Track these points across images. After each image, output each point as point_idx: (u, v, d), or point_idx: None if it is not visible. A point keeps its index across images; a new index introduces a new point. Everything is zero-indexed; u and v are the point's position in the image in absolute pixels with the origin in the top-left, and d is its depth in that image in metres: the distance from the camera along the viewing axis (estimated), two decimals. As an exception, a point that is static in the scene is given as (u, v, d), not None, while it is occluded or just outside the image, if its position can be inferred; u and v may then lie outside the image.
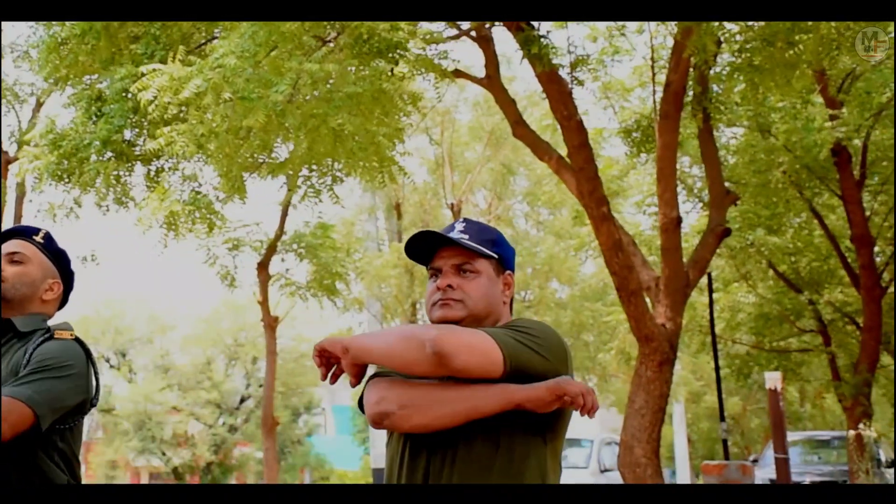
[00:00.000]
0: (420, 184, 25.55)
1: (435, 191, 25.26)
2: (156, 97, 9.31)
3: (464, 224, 3.23)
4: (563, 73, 12.62)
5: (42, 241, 3.85)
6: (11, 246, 3.80)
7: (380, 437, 25.96)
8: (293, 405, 41.67)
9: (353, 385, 3.02)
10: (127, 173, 11.70)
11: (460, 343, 2.82)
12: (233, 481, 40.85)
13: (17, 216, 16.40)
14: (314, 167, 11.56)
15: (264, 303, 19.72)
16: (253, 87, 9.21)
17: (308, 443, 45.80)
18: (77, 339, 3.70)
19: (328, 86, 9.81)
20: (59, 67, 10.75)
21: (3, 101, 15.44)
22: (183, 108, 9.52)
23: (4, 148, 15.43)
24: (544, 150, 13.20)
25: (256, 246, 18.66)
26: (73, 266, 4.00)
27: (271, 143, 10.09)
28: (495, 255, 3.18)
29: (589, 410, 2.90)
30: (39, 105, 15.21)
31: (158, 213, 10.39)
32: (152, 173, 11.65)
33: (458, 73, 13.08)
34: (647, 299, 13.22)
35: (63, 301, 3.94)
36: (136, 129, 11.19)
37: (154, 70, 9.40)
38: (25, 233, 3.87)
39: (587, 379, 29.68)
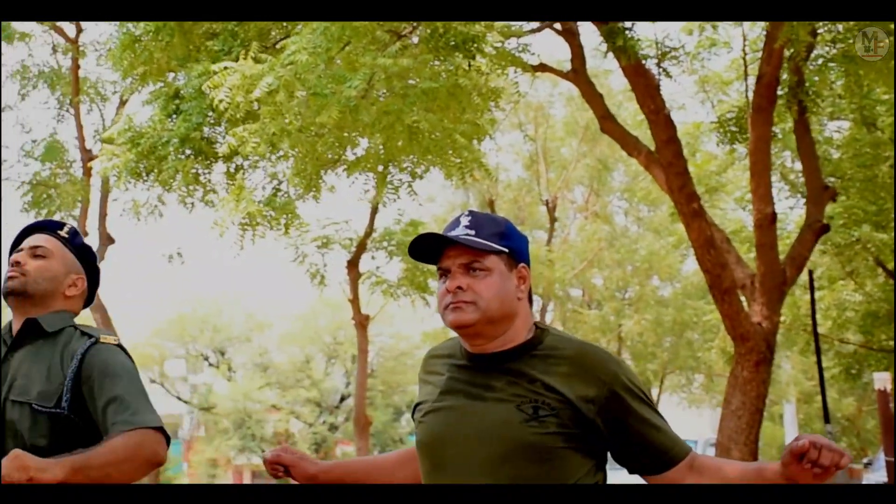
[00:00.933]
0: (514, 180, 25.30)
1: (529, 187, 24.95)
2: (228, 96, 9.21)
3: (469, 218, 2.99)
4: (651, 65, 12.30)
5: (66, 235, 3.69)
6: (34, 240, 3.65)
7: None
8: (395, 404, 41.59)
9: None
10: (206, 171, 11.66)
11: None
12: (333, 480, 40.96)
13: (102, 214, 16.50)
14: (392, 164, 11.34)
15: (355, 301, 19.61)
16: (326, 83, 9.06)
17: (410, 442, 45.70)
18: (120, 345, 3.53)
19: (403, 81, 9.62)
20: (135, 65, 10.71)
21: (86, 98, 15.54)
22: (256, 106, 9.42)
23: (88, 146, 15.55)
24: (633, 145, 12.90)
25: (346, 244, 18.56)
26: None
27: (345, 140, 9.89)
28: (505, 249, 2.94)
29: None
30: (123, 103, 15.24)
31: (234, 215, 10.27)
32: (232, 171, 11.60)
33: (542, 68, 12.79)
34: (743, 297, 12.81)
35: (89, 298, 3.75)
36: (215, 127, 11.13)
37: (226, 68, 9.30)
38: (49, 227, 3.72)
39: (692, 378, 29.17)
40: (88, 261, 3.73)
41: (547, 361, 2.85)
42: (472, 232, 2.92)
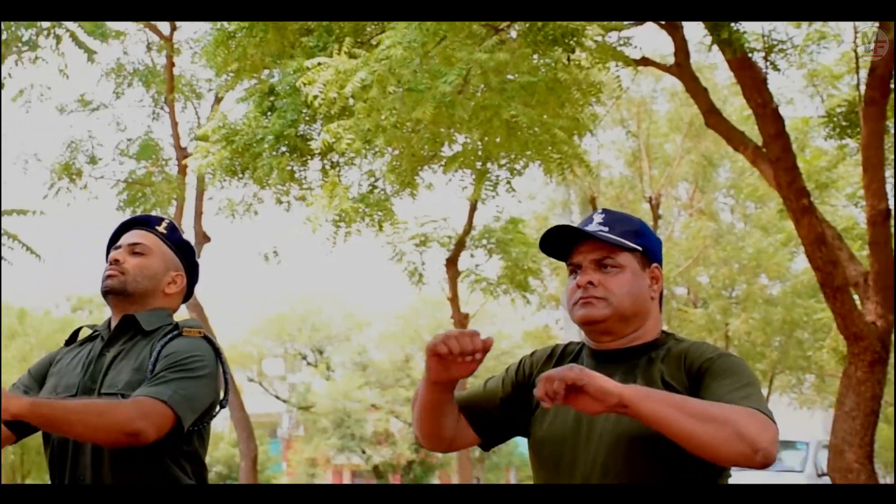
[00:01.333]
0: (616, 177, 24.95)
1: (632, 184, 24.59)
2: (322, 92, 9.07)
3: (603, 215, 3.00)
4: (758, 58, 11.90)
5: (165, 231, 3.64)
6: (132, 237, 3.60)
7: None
8: (498, 404, 41.35)
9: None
10: (302, 168, 11.56)
11: (769, 434, 2.62)
12: (435, 481, 40.96)
13: (198, 213, 16.55)
14: (490, 160, 11.12)
15: (454, 299, 19.43)
16: (421, 78, 8.87)
17: (513, 442, 45.51)
18: (206, 337, 3.48)
19: (500, 76, 9.39)
20: (229, 61, 10.64)
21: (181, 96, 15.56)
22: (352, 102, 9.29)
23: (183, 144, 15.58)
24: (739, 139, 12.52)
25: (444, 242, 18.40)
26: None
27: (441, 136, 9.69)
28: (639, 248, 2.94)
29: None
30: (218, 101, 15.24)
31: (328, 212, 10.14)
32: (327, 168, 11.49)
33: (644, 62, 12.46)
34: (856, 296, 12.37)
35: (187, 294, 3.70)
36: (310, 124, 11.03)
37: (319, 64, 9.15)
38: (148, 223, 3.67)
39: (803, 378, 28.53)
40: (187, 257, 3.68)
41: (666, 360, 2.84)
42: (606, 228, 2.92)
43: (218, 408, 3.50)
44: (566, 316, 23.43)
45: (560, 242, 2.98)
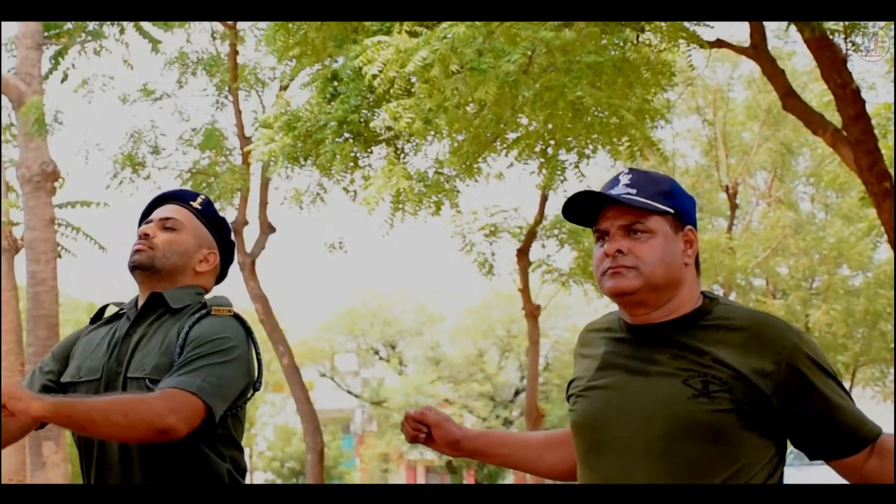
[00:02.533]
0: (692, 166, 24.50)
1: (708, 173, 24.12)
2: (381, 71, 8.82)
3: (630, 176, 2.73)
4: (838, 39, 11.49)
5: (199, 206, 3.46)
6: (165, 211, 3.42)
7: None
8: (571, 398, 41.12)
9: None
10: (365, 155, 11.36)
11: None
12: (510, 478, 40.73)
13: (263, 203, 16.39)
14: (556, 144, 10.79)
15: (525, 291, 19.11)
16: (484, 57, 8.59)
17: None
18: (236, 316, 3.28)
19: (566, 56, 9.07)
20: (290, 45, 10.44)
21: (244, 85, 15.42)
22: (413, 81, 9.05)
23: (247, 134, 15.44)
24: (818, 123, 12.11)
25: (515, 232, 18.10)
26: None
27: (505, 118, 9.39)
28: (671, 210, 2.68)
29: None
30: (283, 89, 15.09)
31: (384, 192, 9.90)
32: (392, 154, 11.28)
33: (719, 43, 12.08)
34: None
35: (222, 275, 3.53)
36: (374, 109, 10.82)
37: (379, 43, 8.90)
38: (181, 197, 3.49)
39: (886, 371, 27.89)
40: (222, 235, 3.49)
41: (717, 332, 2.58)
42: (634, 191, 2.67)
43: (251, 390, 3.30)
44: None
45: (586, 208, 2.72)
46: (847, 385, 28.11)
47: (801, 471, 18.86)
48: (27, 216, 14.22)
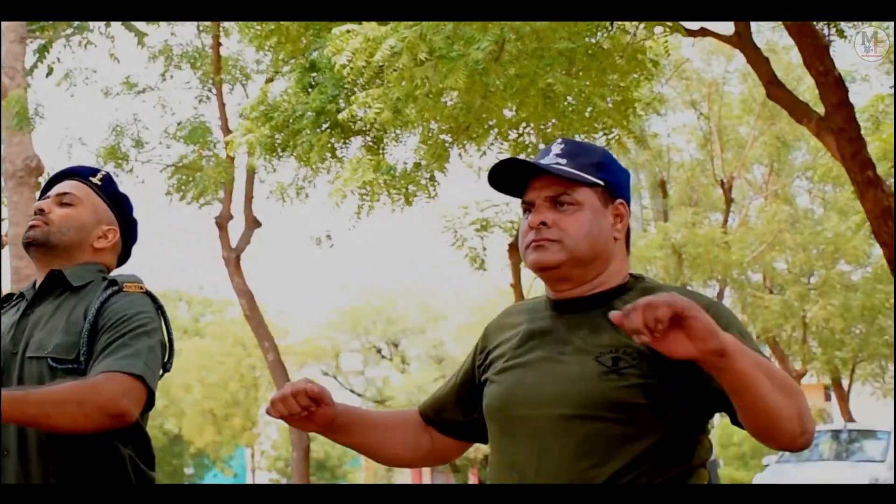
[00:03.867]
0: (687, 160, 24.39)
1: (704, 167, 23.99)
2: (350, 60, 8.75)
3: (562, 146, 2.63)
4: (820, 25, 11.39)
5: (99, 182, 3.37)
6: (62, 187, 3.34)
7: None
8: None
9: None
10: (344, 146, 11.27)
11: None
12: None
13: (248, 197, 16.28)
14: (531, 132, 10.68)
15: (516, 286, 19.00)
16: (453, 45, 8.50)
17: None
18: (148, 293, 3.20)
19: (537, 43, 8.98)
20: (266, 34, 10.37)
21: (229, 77, 15.33)
22: (382, 70, 8.97)
23: (232, 127, 15.34)
24: (803, 112, 12.00)
25: (507, 227, 17.98)
26: (137, 214, 3.46)
27: (476, 105, 9.30)
28: (600, 182, 2.57)
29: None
30: (268, 82, 15.02)
31: (351, 184, 9.80)
32: (371, 145, 11.19)
33: (702, 32, 11.99)
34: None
35: (125, 254, 3.43)
36: (351, 99, 10.74)
37: (348, 32, 8.82)
38: (80, 173, 3.40)
39: (885, 367, 27.76)
40: (123, 211, 3.39)
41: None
42: (564, 161, 2.58)
43: (161, 371, 3.20)
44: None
45: (514, 178, 2.62)
46: (846, 382, 28.08)
47: (798, 468, 18.87)
48: (10, 211, 14.11)
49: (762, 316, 23.06)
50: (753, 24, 11.93)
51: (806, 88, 19.30)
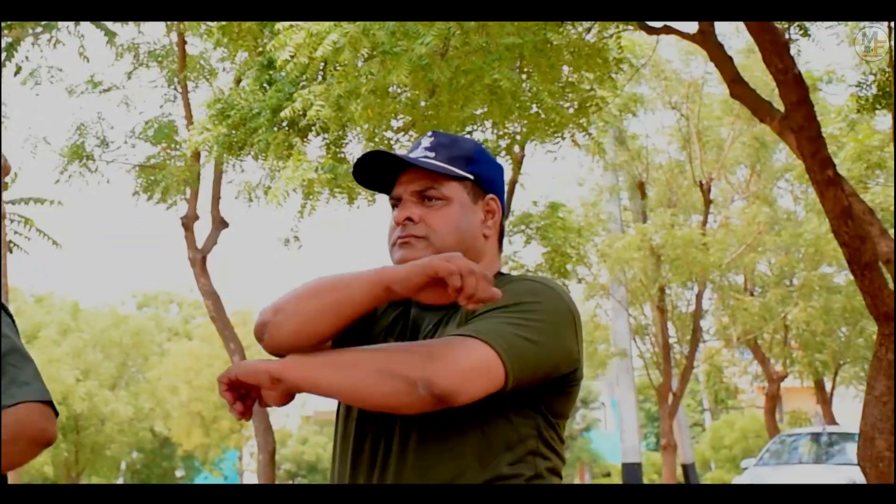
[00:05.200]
0: (664, 161, 24.28)
1: (682, 168, 23.89)
2: (293, 56, 8.67)
3: (432, 139, 2.56)
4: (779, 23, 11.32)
5: None
6: None
7: (629, 431, 24.81)
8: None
9: (248, 418, 2.34)
10: (305, 144, 11.19)
11: (460, 376, 2.16)
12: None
13: (215, 197, 16.14)
14: (481, 128, 10.61)
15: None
16: (396, 40, 8.43)
17: (585, 438, 45.00)
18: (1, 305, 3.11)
19: (483, 38, 8.90)
20: (225, 31, 10.29)
21: (193, 75, 15.20)
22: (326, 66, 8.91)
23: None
24: (766, 111, 11.87)
25: (480, 227, 17.90)
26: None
27: (419, 103, 9.23)
28: (469, 176, 2.50)
29: (469, 296, 2.10)
30: (237, 82, 14.95)
31: (292, 184, 9.71)
32: (330, 143, 11.10)
33: (666, 30, 11.91)
34: (888, 274, 11.69)
35: None
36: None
37: (291, 27, 8.75)
38: None
39: (867, 370, 27.63)
40: None
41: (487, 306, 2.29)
42: (432, 154, 2.50)
43: None
44: (615, 305, 22.83)
45: (382, 172, 2.54)
46: (829, 385, 27.93)
47: (777, 470, 18.78)
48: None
49: (741, 318, 22.95)
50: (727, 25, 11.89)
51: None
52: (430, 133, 2.60)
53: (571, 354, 2.35)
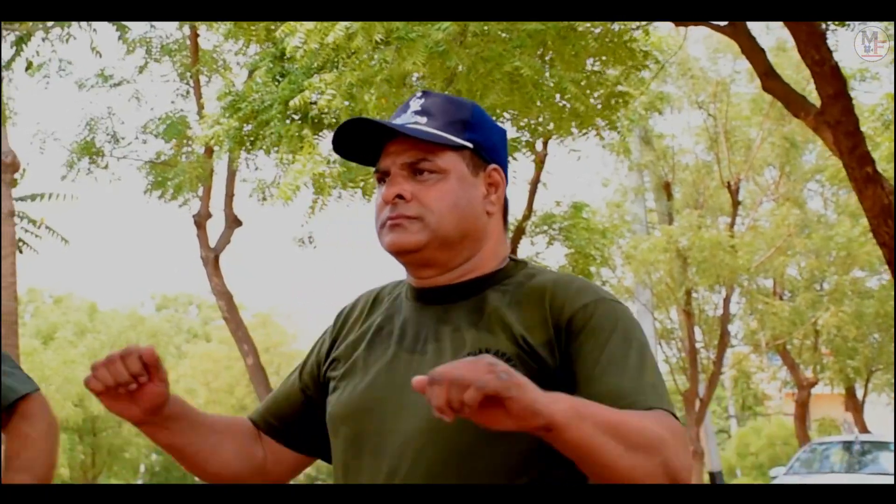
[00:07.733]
0: (691, 162, 23.87)
1: (709, 169, 23.45)
2: (304, 43, 8.24)
3: (422, 100, 2.14)
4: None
5: None
6: None
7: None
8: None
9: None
10: (319, 137, 10.81)
11: (689, 460, 1.89)
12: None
13: (229, 195, 15.78)
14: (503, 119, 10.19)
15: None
16: (412, 25, 7.99)
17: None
18: None
19: (504, 23, 8.46)
20: (237, 23, 9.92)
21: (206, 69, 14.85)
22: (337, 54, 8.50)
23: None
24: (800, 104, 11.46)
25: (503, 228, 17.54)
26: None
27: (437, 90, 8.78)
28: (469, 144, 2.10)
29: None
30: (251, 74, 14.62)
31: (301, 179, 9.27)
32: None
33: (695, 21, 11.48)
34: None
35: None
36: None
37: (300, 20, 8.36)
38: None
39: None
40: None
41: (512, 300, 2.05)
42: (424, 119, 2.10)
43: None
44: (640, 309, 22.32)
45: (366, 142, 2.12)
46: (860, 393, 27.40)
47: (807, 480, 18.30)
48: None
49: (771, 322, 22.49)
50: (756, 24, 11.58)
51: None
52: (419, 93, 2.17)
53: None
